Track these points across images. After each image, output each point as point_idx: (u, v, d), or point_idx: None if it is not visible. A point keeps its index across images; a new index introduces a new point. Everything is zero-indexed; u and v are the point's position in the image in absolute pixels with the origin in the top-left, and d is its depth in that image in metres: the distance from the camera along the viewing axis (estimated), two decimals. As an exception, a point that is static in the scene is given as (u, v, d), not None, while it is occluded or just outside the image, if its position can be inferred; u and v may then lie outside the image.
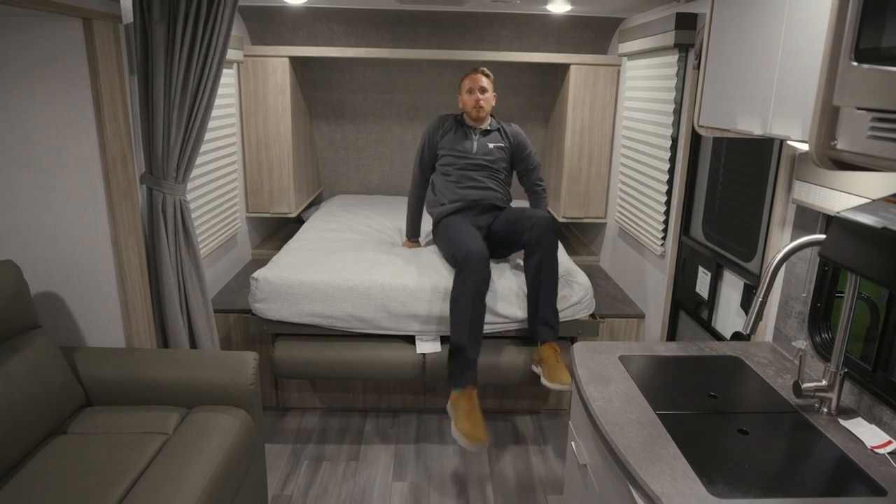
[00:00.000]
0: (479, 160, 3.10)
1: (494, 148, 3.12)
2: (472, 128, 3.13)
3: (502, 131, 3.18)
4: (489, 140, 3.14)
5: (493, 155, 3.12)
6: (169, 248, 2.40)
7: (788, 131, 1.33)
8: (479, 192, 3.08)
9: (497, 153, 3.13)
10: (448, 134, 3.16)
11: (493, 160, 3.11)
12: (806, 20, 1.28)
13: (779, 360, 1.90)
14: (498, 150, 3.13)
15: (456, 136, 3.15)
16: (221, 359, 2.25)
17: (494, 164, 3.12)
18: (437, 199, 3.17)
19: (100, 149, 2.13)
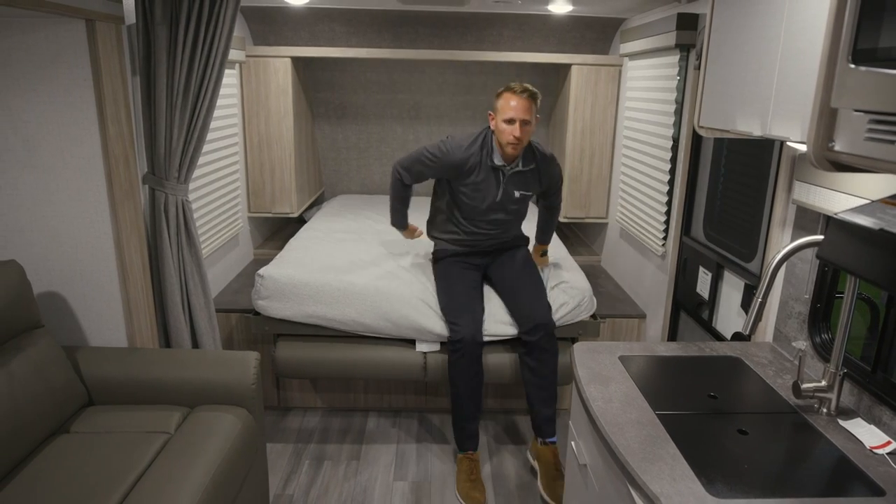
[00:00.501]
0: (498, 209, 2.69)
1: (521, 196, 2.69)
2: (502, 168, 2.60)
3: (536, 171, 2.67)
4: (518, 185, 2.66)
5: (517, 204, 2.72)
6: (171, 248, 2.41)
7: (788, 132, 1.33)
8: (490, 241, 2.79)
9: (522, 201, 2.74)
10: (472, 175, 2.61)
11: (516, 209, 2.74)
12: (805, 22, 1.29)
13: (779, 361, 1.90)
14: (524, 198, 2.72)
15: (481, 181, 2.62)
16: (223, 358, 2.25)
17: (515, 212, 2.76)
18: (440, 226, 2.86)
19: (102, 149, 2.14)
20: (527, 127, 2.46)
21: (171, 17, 2.23)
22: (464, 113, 4.48)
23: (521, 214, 2.81)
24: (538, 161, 2.66)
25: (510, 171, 2.60)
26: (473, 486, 2.55)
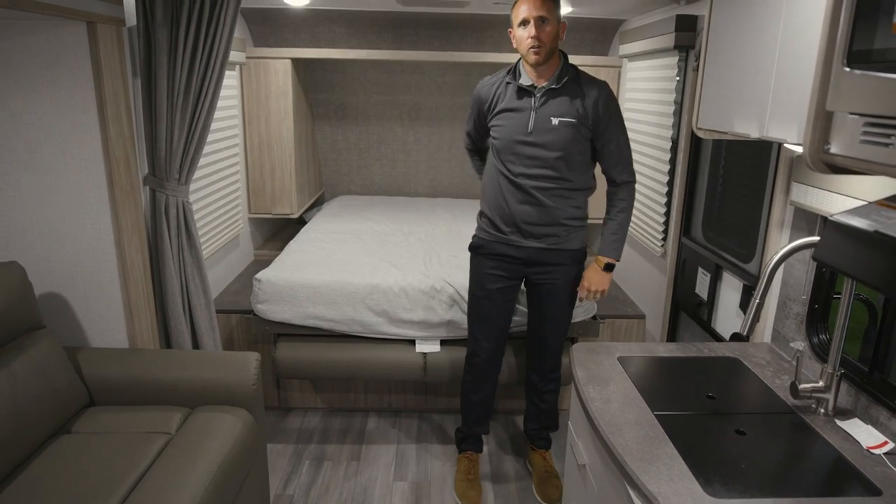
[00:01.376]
0: (536, 144, 2.17)
1: (559, 125, 2.15)
2: (532, 89, 2.17)
3: (577, 92, 2.14)
4: (554, 109, 2.15)
5: (558, 139, 2.16)
6: (172, 250, 2.42)
7: (785, 134, 1.34)
8: (527, 214, 2.24)
9: (564, 132, 2.15)
10: (501, 103, 2.23)
11: (561, 151, 2.16)
12: (801, 25, 1.29)
13: (777, 361, 1.91)
14: (566, 129, 2.15)
15: (513, 108, 2.21)
16: (224, 359, 2.26)
17: (561, 157, 2.17)
18: (482, 195, 2.39)
19: (103, 151, 2.14)
20: (546, 26, 2.06)
21: (172, 19, 2.24)
22: (464, 114, 4.47)
23: (570, 166, 2.20)
24: (580, 80, 2.18)
25: (542, 90, 2.16)
26: (470, 485, 2.57)
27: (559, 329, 2.46)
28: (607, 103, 2.16)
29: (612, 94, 2.20)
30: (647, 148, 3.13)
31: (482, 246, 2.40)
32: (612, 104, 2.18)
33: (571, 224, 2.29)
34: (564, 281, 2.36)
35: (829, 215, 1.05)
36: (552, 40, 2.11)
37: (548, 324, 2.45)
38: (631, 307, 3.28)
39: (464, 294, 2.76)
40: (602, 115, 2.16)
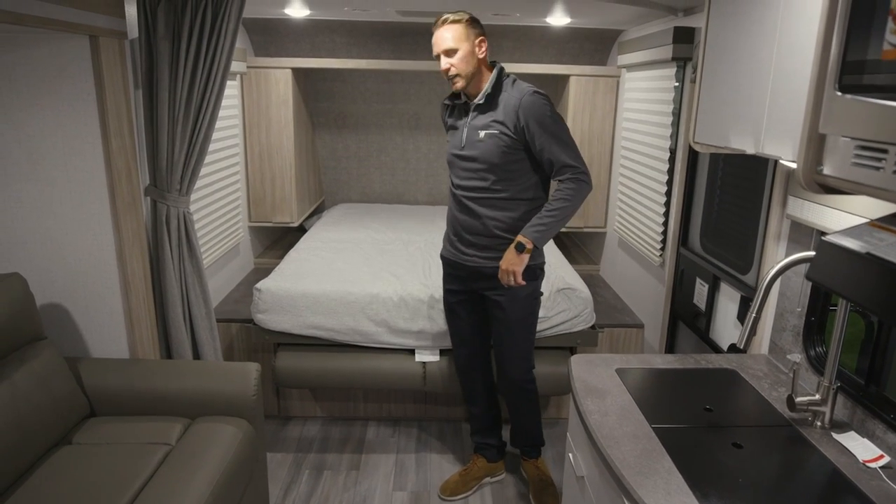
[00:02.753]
0: (469, 159, 2.24)
1: (485, 137, 2.19)
2: (465, 103, 2.28)
3: (502, 103, 2.18)
4: (483, 121, 2.20)
5: (486, 151, 2.19)
6: (172, 260, 2.43)
7: (780, 152, 1.35)
8: (464, 223, 2.31)
9: (489, 143, 2.18)
10: (450, 119, 2.37)
11: (490, 162, 2.19)
12: (795, 44, 1.31)
13: (774, 373, 1.92)
14: (490, 139, 2.18)
15: (454, 123, 2.34)
16: (224, 369, 2.28)
17: (490, 168, 2.20)
18: None
19: (105, 162, 2.16)
20: (455, 56, 2.15)
21: (174, 32, 2.26)
22: (463, 122, 4.51)
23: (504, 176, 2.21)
24: (505, 90, 2.20)
25: (474, 105, 2.23)
26: (460, 479, 2.66)
27: (510, 348, 2.42)
28: (527, 111, 2.13)
29: (534, 101, 2.14)
30: (646, 158, 3.15)
31: (443, 259, 2.52)
32: (533, 111, 2.13)
33: (508, 237, 2.25)
34: (510, 298, 2.32)
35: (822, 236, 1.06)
36: (466, 65, 2.17)
37: (498, 341, 2.45)
38: (630, 316, 3.29)
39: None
40: (524, 123, 2.14)
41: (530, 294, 2.36)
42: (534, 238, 2.18)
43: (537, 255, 2.30)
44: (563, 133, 2.18)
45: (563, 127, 2.19)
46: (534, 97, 2.15)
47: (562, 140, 2.17)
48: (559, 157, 2.16)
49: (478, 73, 2.22)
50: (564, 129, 2.19)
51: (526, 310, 2.38)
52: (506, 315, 2.36)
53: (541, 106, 2.15)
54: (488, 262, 2.31)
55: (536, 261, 2.31)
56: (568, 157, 2.16)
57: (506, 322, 2.37)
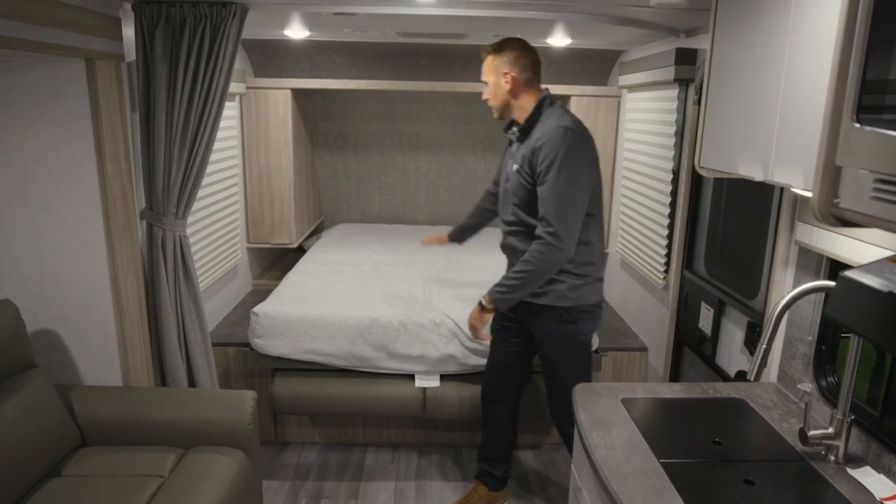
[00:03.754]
0: (506, 194, 2.25)
1: (514, 171, 2.18)
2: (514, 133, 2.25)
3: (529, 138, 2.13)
4: (517, 154, 2.20)
5: (512, 181, 2.19)
6: (168, 285, 2.39)
7: (790, 180, 1.32)
8: (508, 256, 2.34)
9: (515, 178, 2.17)
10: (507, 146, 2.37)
11: (515, 192, 2.18)
12: (805, 70, 1.28)
13: (784, 403, 1.87)
14: (516, 175, 2.17)
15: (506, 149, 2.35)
16: (219, 398, 2.22)
17: (515, 200, 2.18)
18: None
19: (100, 187, 2.13)
20: (486, 87, 2.20)
21: (172, 54, 2.24)
22: (463, 142, 4.49)
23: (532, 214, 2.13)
24: (539, 124, 2.13)
25: (515, 136, 2.22)
26: None
27: (549, 387, 2.39)
28: (543, 148, 2.05)
29: (553, 139, 2.04)
30: (648, 179, 3.12)
31: None
32: (546, 149, 2.04)
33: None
34: (543, 337, 2.29)
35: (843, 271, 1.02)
36: (493, 97, 2.19)
37: (544, 376, 2.41)
38: (633, 339, 3.24)
39: (463, 327, 2.73)
40: (538, 162, 2.07)
41: (567, 337, 2.25)
42: (494, 299, 2.21)
43: (578, 297, 2.19)
44: (560, 184, 2.03)
45: (567, 177, 2.03)
46: (555, 134, 2.04)
47: (554, 190, 2.04)
48: (547, 210, 2.05)
49: (509, 105, 2.19)
50: (566, 181, 2.03)
51: (563, 352, 2.29)
52: (543, 352, 2.33)
53: (556, 145, 2.03)
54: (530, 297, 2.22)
55: (574, 303, 2.19)
56: (547, 210, 2.05)
57: (545, 359, 2.34)
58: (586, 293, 2.22)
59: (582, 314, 2.24)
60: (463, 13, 2.37)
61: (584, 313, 2.24)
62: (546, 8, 2.39)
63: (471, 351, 2.74)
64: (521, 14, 2.40)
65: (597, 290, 2.27)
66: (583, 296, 2.22)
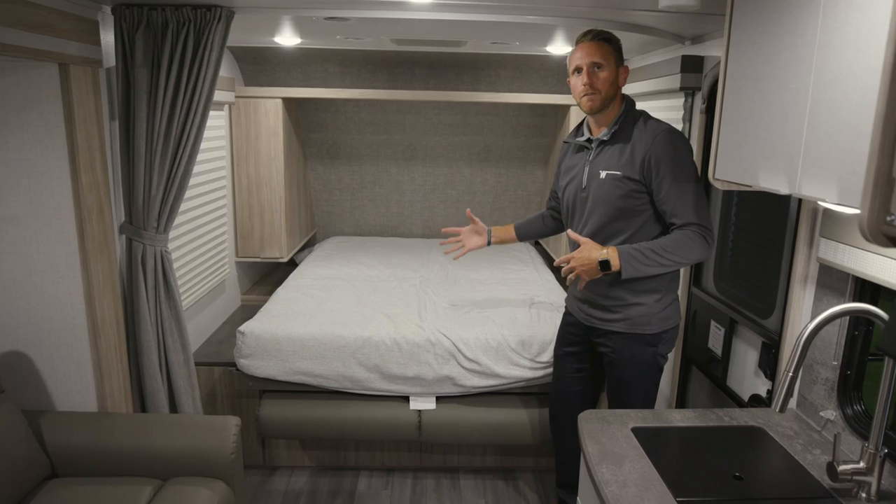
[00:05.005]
0: (588, 204, 2.06)
1: (607, 178, 2.00)
2: (588, 140, 2.10)
3: (629, 142, 1.98)
4: (605, 160, 2.02)
5: (608, 193, 2.00)
6: (148, 303, 2.25)
7: (822, 193, 1.20)
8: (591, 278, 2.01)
9: (610, 185, 1.99)
10: (566, 161, 2.22)
11: (613, 207, 2.00)
12: (838, 72, 1.16)
13: (805, 432, 1.74)
14: (613, 181, 1.99)
15: (573, 165, 2.15)
16: (200, 424, 2.08)
17: (614, 213, 2.00)
18: None
19: (74, 199, 2.00)
20: (601, 72, 1.97)
21: (153, 60, 2.12)
22: (459, 153, 4.39)
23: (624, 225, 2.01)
24: (637, 128, 1.99)
25: (597, 141, 2.05)
26: None
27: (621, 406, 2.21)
28: (660, 152, 1.92)
29: (671, 141, 1.94)
30: (652, 191, 3.00)
31: (566, 310, 2.37)
32: (666, 152, 1.92)
33: (624, 296, 2.06)
34: (623, 360, 2.12)
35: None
36: (608, 86, 2.00)
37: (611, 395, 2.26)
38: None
39: (461, 347, 2.60)
40: (652, 166, 1.93)
41: (647, 359, 2.12)
42: (624, 266, 1.94)
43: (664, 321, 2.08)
44: (692, 183, 1.93)
45: (694, 174, 1.95)
46: (670, 136, 1.95)
47: (693, 188, 1.92)
48: (683, 212, 1.91)
49: (613, 102, 2.05)
50: (696, 179, 1.95)
51: (641, 375, 2.14)
52: (619, 374, 2.15)
53: (677, 147, 1.93)
54: (608, 315, 2.11)
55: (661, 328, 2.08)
56: (686, 211, 1.91)
57: (619, 380, 2.17)
58: (671, 314, 2.12)
59: (663, 335, 2.12)
60: (460, 17, 2.26)
61: (666, 334, 2.12)
62: (548, 12, 2.28)
63: (468, 371, 2.61)
64: (521, 19, 2.29)
65: (678, 309, 2.17)
66: (668, 317, 2.11)
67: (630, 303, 2.06)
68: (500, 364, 2.60)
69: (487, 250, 4.05)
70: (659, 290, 2.07)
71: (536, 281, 3.47)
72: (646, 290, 2.05)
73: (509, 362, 2.61)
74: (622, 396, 2.20)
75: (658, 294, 2.07)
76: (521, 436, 2.66)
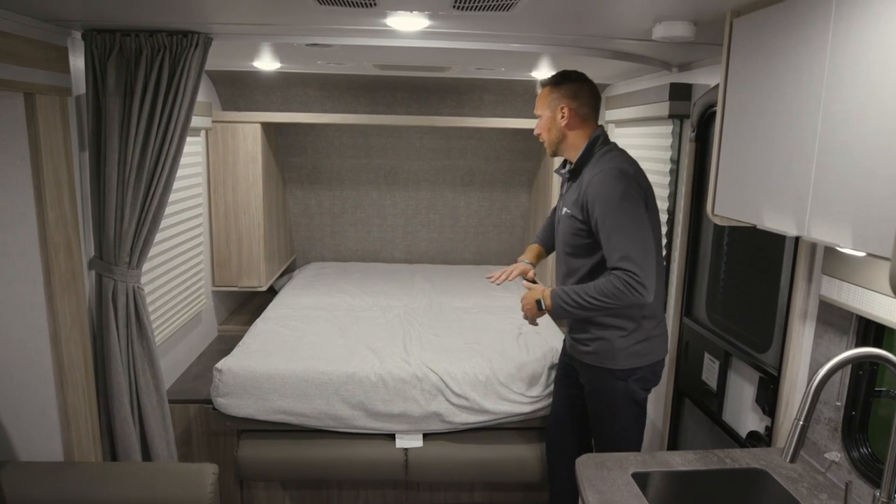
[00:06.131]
0: (560, 241, 2.13)
1: (565, 215, 2.06)
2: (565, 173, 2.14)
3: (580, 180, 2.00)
4: (568, 197, 2.07)
5: (563, 225, 2.07)
6: (119, 343, 2.13)
7: (835, 238, 1.15)
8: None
9: (567, 224, 2.04)
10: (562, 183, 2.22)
11: (565, 238, 2.07)
12: (849, 112, 1.12)
13: (809, 474, 1.68)
14: (568, 220, 2.04)
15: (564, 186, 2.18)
16: (175, 473, 1.96)
17: (566, 248, 2.07)
18: None
19: (39, 236, 1.88)
20: (539, 120, 2.08)
21: (126, 88, 2.03)
22: (442, 177, 4.32)
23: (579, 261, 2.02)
24: (588, 166, 2.00)
25: (565, 176, 2.11)
26: None
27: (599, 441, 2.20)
28: (594, 192, 1.91)
29: (604, 180, 1.91)
30: (640, 218, 2.96)
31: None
32: (600, 193, 1.90)
33: (590, 328, 2.05)
34: (592, 390, 2.14)
35: None
36: (546, 132, 2.08)
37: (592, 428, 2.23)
38: (627, 387, 3.04)
39: (448, 382, 2.51)
40: (588, 207, 1.93)
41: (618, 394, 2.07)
42: (555, 308, 2.00)
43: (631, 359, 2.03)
44: (623, 226, 1.88)
45: (627, 220, 1.88)
46: (605, 177, 1.92)
47: (617, 236, 1.88)
48: (610, 255, 1.89)
49: (564, 141, 2.07)
50: (628, 224, 1.88)
51: (613, 408, 2.10)
52: (591, 405, 2.16)
53: (609, 189, 1.90)
54: (579, 347, 2.12)
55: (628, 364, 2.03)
56: (618, 258, 1.86)
57: (592, 412, 2.17)
58: (642, 351, 2.04)
59: (635, 371, 2.06)
60: (445, 45, 2.20)
61: (638, 371, 2.06)
62: (532, 41, 2.23)
63: (456, 407, 2.51)
64: (507, 47, 2.24)
65: (656, 346, 2.09)
66: (638, 354, 2.04)
67: (596, 336, 2.05)
68: (490, 399, 2.51)
69: (471, 277, 3.99)
70: (623, 328, 2.02)
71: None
72: (608, 325, 2.02)
73: (499, 397, 2.52)
74: (599, 429, 2.19)
75: (622, 331, 2.02)
76: (513, 473, 2.57)
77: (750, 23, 1.47)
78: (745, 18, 1.50)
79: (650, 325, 2.06)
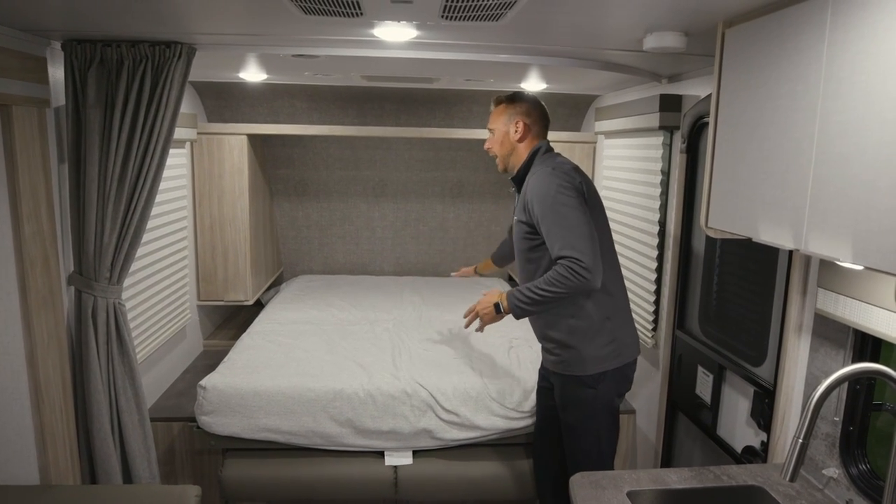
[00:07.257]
0: (515, 244, 2.19)
1: (516, 222, 2.16)
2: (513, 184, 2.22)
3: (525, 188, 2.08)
4: (517, 205, 2.17)
5: (515, 234, 2.17)
6: (99, 361, 2.07)
7: (834, 252, 1.12)
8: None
9: (517, 231, 2.13)
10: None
11: (524, 254, 2.11)
12: (847, 124, 1.10)
13: (807, 491, 1.65)
14: (517, 226, 2.13)
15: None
16: (157, 496, 1.90)
17: (519, 253, 2.15)
18: None
19: (15, 251, 1.82)
20: (491, 136, 2.18)
21: (107, 99, 1.98)
22: (431, 189, 4.29)
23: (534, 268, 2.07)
24: (529, 173, 2.09)
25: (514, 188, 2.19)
26: None
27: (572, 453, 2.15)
28: (532, 193, 2.00)
29: (539, 182, 1.99)
30: (632, 230, 2.93)
31: None
32: (536, 192, 1.98)
33: (556, 337, 2.07)
34: (563, 400, 2.14)
35: None
36: (499, 146, 2.16)
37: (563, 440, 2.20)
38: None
39: (438, 397, 2.46)
40: (529, 208, 2.01)
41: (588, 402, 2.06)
42: (512, 308, 2.03)
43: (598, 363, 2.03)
44: (561, 218, 1.92)
45: (563, 210, 1.92)
46: (538, 178, 2.01)
47: (555, 228, 1.92)
48: (552, 247, 1.93)
49: (514, 154, 2.16)
50: (565, 213, 1.92)
51: (584, 418, 2.09)
52: (563, 416, 2.15)
53: (544, 186, 1.97)
54: (549, 357, 2.16)
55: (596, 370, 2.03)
56: (559, 247, 1.89)
57: (564, 423, 2.16)
58: (607, 355, 2.04)
59: (603, 376, 2.05)
60: (433, 56, 2.18)
61: (606, 375, 2.05)
62: (521, 51, 2.21)
63: (447, 423, 2.46)
64: (496, 58, 2.22)
65: (624, 348, 2.08)
66: (604, 358, 2.04)
67: (563, 345, 2.06)
68: (481, 415, 2.46)
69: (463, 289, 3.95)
70: (586, 332, 2.02)
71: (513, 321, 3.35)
72: (572, 329, 2.03)
73: (490, 412, 2.47)
74: (572, 442, 2.14)
75: (587, 336, 2.02)
76: (505, 490, 2.52)
77: (742, 33, 1.46)
78: (737, 29, 1.49)
79: (613, 326, 2.05)
